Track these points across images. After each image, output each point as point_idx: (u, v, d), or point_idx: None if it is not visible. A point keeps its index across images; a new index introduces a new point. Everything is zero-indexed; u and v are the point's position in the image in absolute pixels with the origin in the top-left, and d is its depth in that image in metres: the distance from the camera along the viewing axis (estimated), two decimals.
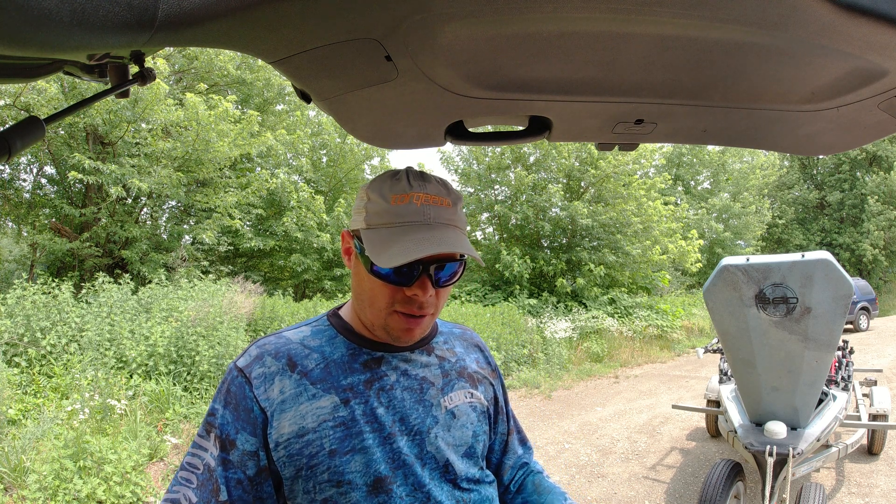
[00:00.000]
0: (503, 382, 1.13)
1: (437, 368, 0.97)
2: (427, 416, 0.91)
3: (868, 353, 10.80)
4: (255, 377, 0.86)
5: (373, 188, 0.86)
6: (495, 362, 1.12)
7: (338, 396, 0.86)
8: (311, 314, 9.21)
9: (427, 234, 0.82)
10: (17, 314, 5.72)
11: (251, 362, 0.88)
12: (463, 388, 0.98)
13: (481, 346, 1.12)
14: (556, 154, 14.12)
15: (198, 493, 0.81)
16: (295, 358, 0.88)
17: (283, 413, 0.83)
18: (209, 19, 0.60)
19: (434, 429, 0.91)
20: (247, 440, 0.83)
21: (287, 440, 0.82)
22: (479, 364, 1.06)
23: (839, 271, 2.84)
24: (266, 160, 12.81)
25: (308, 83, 0.86)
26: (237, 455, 0.83)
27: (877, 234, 24.75)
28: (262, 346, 0.90)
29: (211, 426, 0.85)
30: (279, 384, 0.85)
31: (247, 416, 0.83)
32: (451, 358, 1.01)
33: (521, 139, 1.10)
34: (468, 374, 1.01)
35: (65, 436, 4.24)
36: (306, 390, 0.85)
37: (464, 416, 0.95)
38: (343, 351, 0.91)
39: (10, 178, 10.21)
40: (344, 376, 0.88)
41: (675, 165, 22.06)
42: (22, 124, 0.74)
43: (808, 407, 3.29)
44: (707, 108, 0.94)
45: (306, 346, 0.90)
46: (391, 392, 0.90)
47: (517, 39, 0.73)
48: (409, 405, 0.90)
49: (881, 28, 0.62)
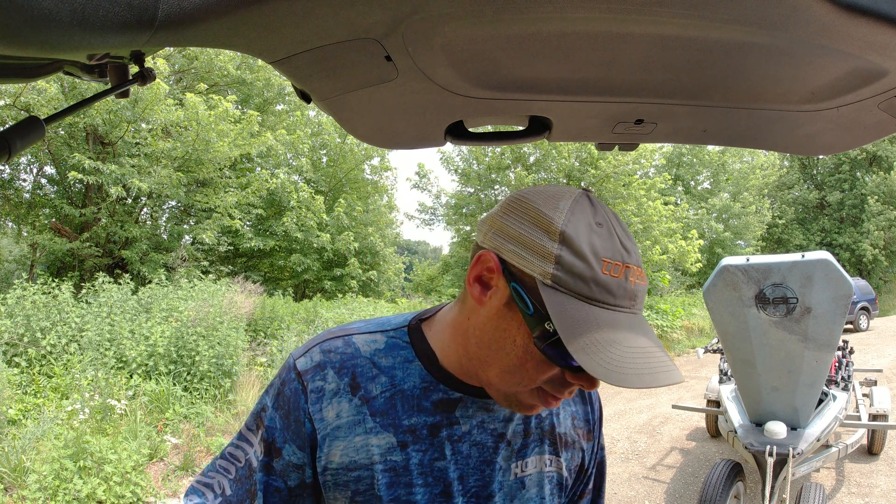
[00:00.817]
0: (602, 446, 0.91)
1: (519, 424, 0.80)
2: (493, 480, 0.77)
3: (868, 353, 10.80)
4: (311, 390, 0.74)
5: (577, 232, 0.61)
6: (598, 416, 0.90)
7: (395, 438, 0.74)
8: (310, 314, 9.21)
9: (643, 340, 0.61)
10: (17, 314, 5.72)
11: (311, 369, 0.75)
12: (542, 454, 0.81)
13: (589, 395, 0.89)
14: (556, 154, 14.12)
15: (233, 486, 0.75)
16: (360, 378, 0.75)
17: (335, 440, 0.73)
18: (209, 19, 0.60)
19: (496, 496, 0.77)
20: (294, 453, 0.74)
21: (336, 469, 0.73)
22: (574, 422, 0.86)
23: (839, 271, 2.84)
24: (266, 160, 12.81)
25: (308, 83, 0.86)
26: (281, 464, 0.75)
27: (877, 234, 24.75)
28: (327, 352, 0.76)
29: (260, 423, 0.77)
30: (337, 407, 0.74)
31: (297, 428, 0.74)
32: (543, 412, 0.82)
33: (521, 139, 1.10)
34: (556, 434, 0.83)
35: (65, 436, 4.24)
36: (364, 421, 0.74)
37: (534, 487, 0.80)
38: (416, 382, 0.76)
39: (10, 178, 10.21)
40: (408, 415, 0.74)
41: (675, 165, 22.06)
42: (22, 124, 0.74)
43: (808, 407, 3.29)
44: (707, 108, 0.94)
45: (376, 365, 0.76)
46: (458, 445, 0.75)
47: (517, 39, 0.73)
48: (475, 464, 0.76)
49: (881, 28, 0.62)
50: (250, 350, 7.40)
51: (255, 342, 7.91)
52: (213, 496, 0.76)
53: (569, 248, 0.60)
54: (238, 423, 5.56)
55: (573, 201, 0.64)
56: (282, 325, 8.26)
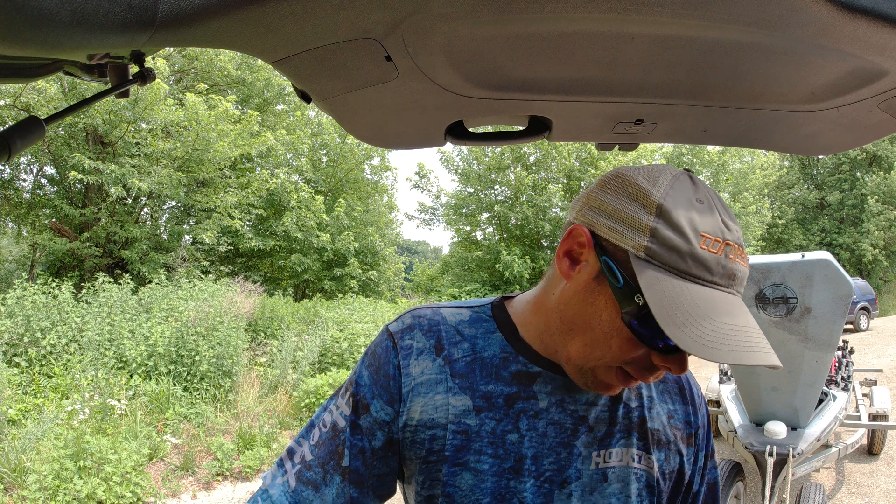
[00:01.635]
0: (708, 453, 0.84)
1: (604, 410, 0.75)
2: (569, 466, 0.73)
3: (868, 353, 10.80)
4: (401, 347, 0.76)
5: (675, 205, 0.59)
6: (704, 424, 0.83)
7: (472, 401, 0.73)
8: (311, 314, 9.21)
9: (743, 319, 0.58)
10: (17, 314, 5.72)
11: (402, 330, 0.77)
12: (630, 447, 0.75)
13: (689, 395, 0.82)
14: (556, 154, 14.13)
15: (314, 451, 0.75)
16: (444, 341, 0.76)
17: (417, 396, 0.74)
18: (209, 19, 0.60)
19: (571, 485, 0.73)
20: (381, 408, 0.75)
21: (416, 426, 0.74)
22: (671, 420, 0.80)
23: (839, 271, 2.84)
24: (266, 160, 12.81)
25: (308, 83, 0.86)
26: (368, 421, 0.75)
27: (877, 234, 24.75)
28: (417, 317, 0.79)
29: (350, 384, 0.78)
30: (422, 364, 0.75)
31: (386, 382, 0.75)
32: (632, 402, 0.77)
33: (521, 139, 1.10)
34: (647, 429, 0.77)
35: (65, 436, 4.24)
36: (445, 381, 0.74)
37: (619, 482, 0.74)
38: (496, 351, 0.76)
39: (10, 178, 10.22)
40: (486, 380, 0.74)
41: (675, 165, 22.06)
42: (22, 124, 0.74)
43: (808, 407, 3.29)
44: (707, 108, 0.94)
45: (459, 333, 0.77)
46: (534, 420, 0.73)
47: (517, 39, 0.73)
48: (551, 444, 0.73)
49: (881, 28, 0.62)
50: (250, 350, 7.40)
51: (255, 342, 7.92)
52: (290, 465, 0.76)
53: (665, 221, 0.58)
54: (238, 422, 5.56)
55: (673, 178, 0.62)
56: (282, 325, 8.26)
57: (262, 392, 6.47)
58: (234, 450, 5.07)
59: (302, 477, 0.74)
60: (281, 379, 6.74)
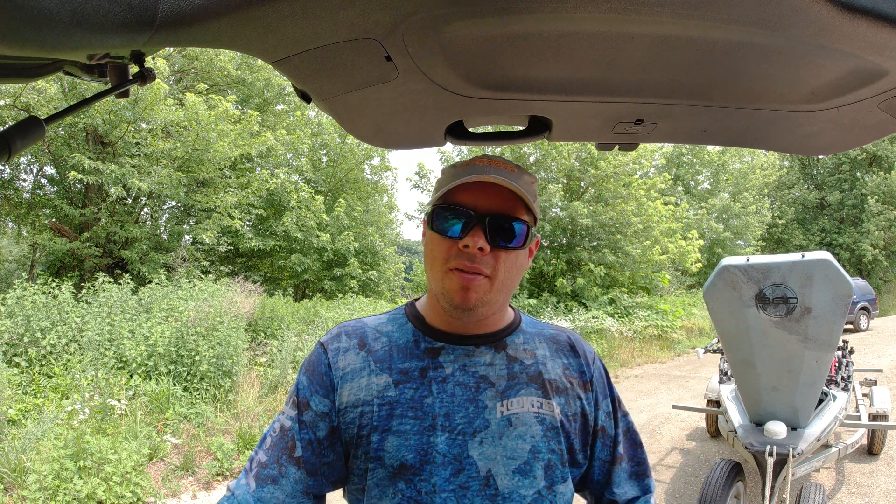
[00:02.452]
0: (613, 399, 0.99)
1: (502, 368, 0.91)
2: (477, 417, 0.86)
3: (868, 353, 10.80)
4: (330, 350, 0.92)
5: (444, 169, 0.92)
6: (599, 374, 0.99)
7: (391, 377, 0.88)
8: (311, 314, 9.22)
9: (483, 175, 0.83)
10: (17, 314, 5.72)
11: (331, 338, 0.94)
12: (531, 395, 0.90)
13: (581, 351, 0.99)
14: (556, 154, 14.12)
15: (268, 452, 0.87)
16: (366, 339, 0.93)
17: (346, 383, 0.89)
18: (209, 19, 0.60)
19: (481, 433, 0.86)
20: (320, 402, 0.89)
21: (346, 408, 0.88)
22: (566, 371, 0.95)
23: (839, 271, 2.84)
24: (266, 160, 12.81)
25: (308, 83, 0.86)
26: (310, 416, 0.88)
27: (877, 234, 24.75)
28: (342, 327, 0.96)
29: (292, 392, 0.93)
30: (348, 358, 0.91)
31: (320, 379, 0.90)
32: (526, 360, 0.93)
33: (521, 139, 1.11)
34: (544, 380, 0.92)
35: (65, 436, 4.24)
36: (368, 366, 0.90)
37: (523, 426, 0.87)
38: (408, 337, 0.93)
39: (10, 178, 10.21)
40: (401, 360, 0.90)
41: (675, 165, 22.06)
42: (22, 124, 0.74)
43: (808, 407, 3.29)
44: (707, 108, 0.94)
45: (378, 331, 0.95)
46: (443, 385, 0.88)
47: (517, 39, 0.73)
48: (459, 402, 0.87)
49: (881, 28, 0.62)
50: (250, 350, 7.40)
51: (255, 342, 7.91)
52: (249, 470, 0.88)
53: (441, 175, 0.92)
54: (238, 422, 5.56)
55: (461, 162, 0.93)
56: (282, 325, 8.26)
57: (262, 392, 6.47)
58: (234, 450, 5.07)
59: (260, 476, 0.86)
60: (281, 379, 6.74)
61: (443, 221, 0.86)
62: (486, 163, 0.87)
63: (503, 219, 0.85)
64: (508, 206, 0.86)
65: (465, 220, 0.85)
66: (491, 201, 0.85)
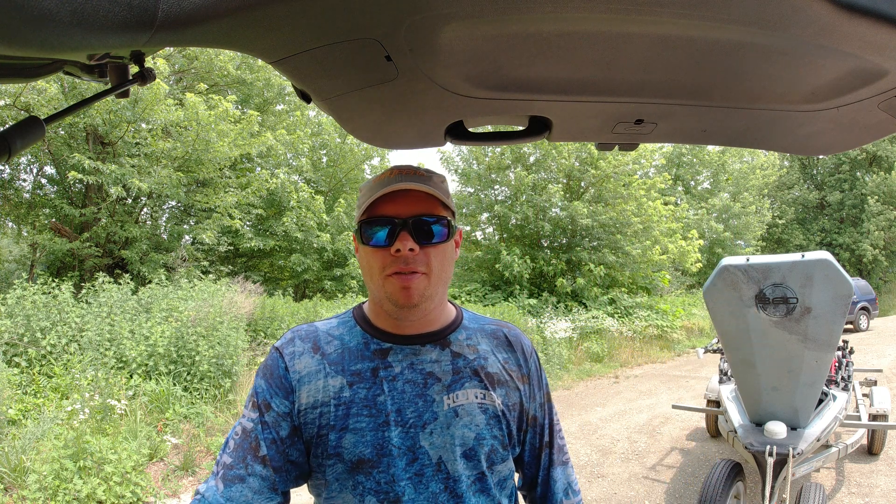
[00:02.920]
0: (544, 391, 1.09)
1: (447, 364, 0.97)
2: (426, 411, 0.94)
3: (868, 353, 10.80)
4: (286, 353, 0.97)
5: (361, 186, 0.99)
6: (535, 368, 1.07)
7: (345, 379, 0.94)
8: (311, 314, 9.21)
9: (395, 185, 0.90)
10: (17, 314, 5.72)
11: (285, 343, 0.99)
12: (475, 388, 0.97)
13: (518, 346, 1.07)
14: (556, 154, 14.11)
15: (232, 454, 0.92)
16: (319, 343, 0.99)
17: (304, 385, 0.94)
18: (209, 19, 0.60)
19: (430, 425, 0.93)
20: (281, 403, 0.94)
21: (305, 409, 0.93)
22: (506, 365, 1.03)
23: (839, 271, 2.84)
24: (266, 160, 12.80)
25: (308, 83, 0.86)
26: (272, 416, 0.93)
27: (877, 234, 24.75)
28: (295, 332, 1.01)
29: (252, 396, 0.97)
30: (304, 361, 0.96)
31: (279, 382, 0.95)
32: (468, 355, 1.00)
33: (521, 139, 1.10)
34: (485, 373, 0.99)
35: (65, 436, 4.23)
36: (324, 369, 0.95)
37: (468, 416, 0.95)
38: (358, 340, 0.98)
39: (10, 178, 10.21)
40: (354, 362, 0.96)
41: (675, 165, 22.06)
42: (22, 124, 0.74)
43: (808, 407, 3.29)
44: (707, 108, 0.94)
45: (330, 335, 1.00)
46: (393, 383, 0.94)
47: (517, 39, 0.73)
48: (409, 398, 0.94)
49: (881, 28, 0.62)
50: (250, 350, 7.39)
51: (255, 342, 7.91)
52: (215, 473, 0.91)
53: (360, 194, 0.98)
54: None
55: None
56: (282, 325, 8.26)
57: None
58: None
59: (227, 477, 0.90)
60: None
61: (371, 233, 0.92)
62: (397, 173, 0.94)
63: (424, 219, 0.92)
64: (427, 208, 0.93)
65: (390, 227, 0.91)
66: (410, 206, 0.92)
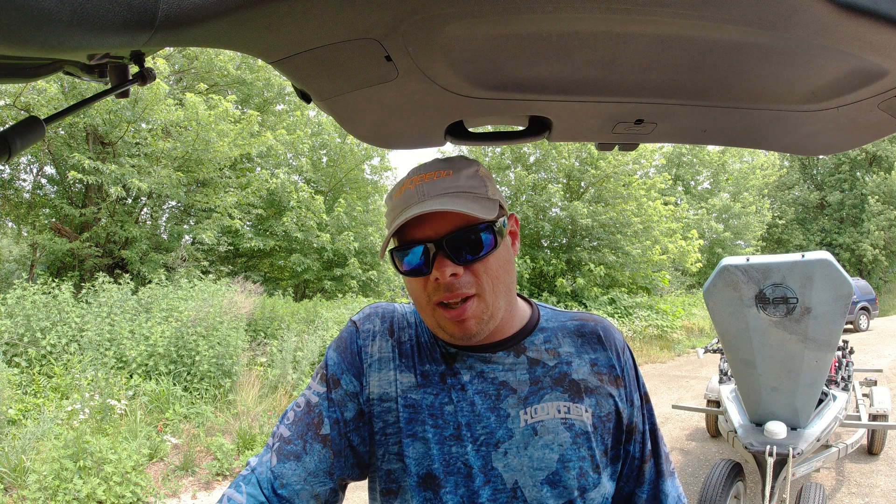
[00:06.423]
0: (642, 392, 0.92)
1: (524, 373, 0.84)
2: (499, 427, 0.81)
3: (868, 353, 10.80)
4: (363, 330, 0.89)
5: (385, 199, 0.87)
6: (630, 365, 0.91)
7: (415, 378, 0.85)
8: (311, 314, 9.21)
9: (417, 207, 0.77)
10: (17, 314, 5.72)
11: (363, 318, 0.91)
12: (556, 400, 0.83)
13: (610, 342, 0.90)
14: (556, 154, 14.12)
15: (291, 427, 0.84)
16: (395, 326, 0.90)
17: (374, 371, 0.86)
18: (209, 19, 0.60)
19: (504, 444, 0.80)
20: (350, 381, 0.86)
21: (374, 399, 0.85)
22: (594, 368, 0.87)
23: (839, 271, 2.84)
24: (266, 160, 12.80)
25: (308, 83, 0.86)
26: (340, 394, 0.85)
27: (877, 234, 24.76)
28: (375, 308, 0.93)
29: (321, 367, 0.90)
30: (379, 344, 0.88)
31: (352, 359, 0.87)
32: (549, 361, 0.86)
33: (521, 139, 1.10)
34: (570, 381, 0.85)
35: (65, 436, 4.24)
36: (394, 359, 0.87)
37: (549, 434, 0.81)
38: (428, 337, 0.89)
39: (10, 178, 10.20)
40: (424, 361, 0.86)
41: (675, 165, 22.06)
42: (22, 124, 0.74)
43: (808, 407, 3.29)
44: (707, 108, 0.94)
45: (406, 321, 0.91)
46: (462, 392, 0.83)
47: (517, 39, 0.73)
48: (480, 411, 0.82)
49: (881, 28, 0.62)
50: (250, 350, 7.39)
51: (255, 342, 7.91)
52: (266, 450, 0.84)
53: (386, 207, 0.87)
54: (238, 422, 5.56)
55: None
56: (282, 325, 8.26)
57: (262, 392, 6.47)
58: (234, 450, 5.07)
59: (282, 451, 0.82)
60: (281, 379, 6.73)
61: (404, 263, 0.81)
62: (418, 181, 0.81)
63: (460, 234, 0.78)
64: (461, 218, 0.78)
65: (423, 252, 0.79)
66: (441, 223, 0.78)
